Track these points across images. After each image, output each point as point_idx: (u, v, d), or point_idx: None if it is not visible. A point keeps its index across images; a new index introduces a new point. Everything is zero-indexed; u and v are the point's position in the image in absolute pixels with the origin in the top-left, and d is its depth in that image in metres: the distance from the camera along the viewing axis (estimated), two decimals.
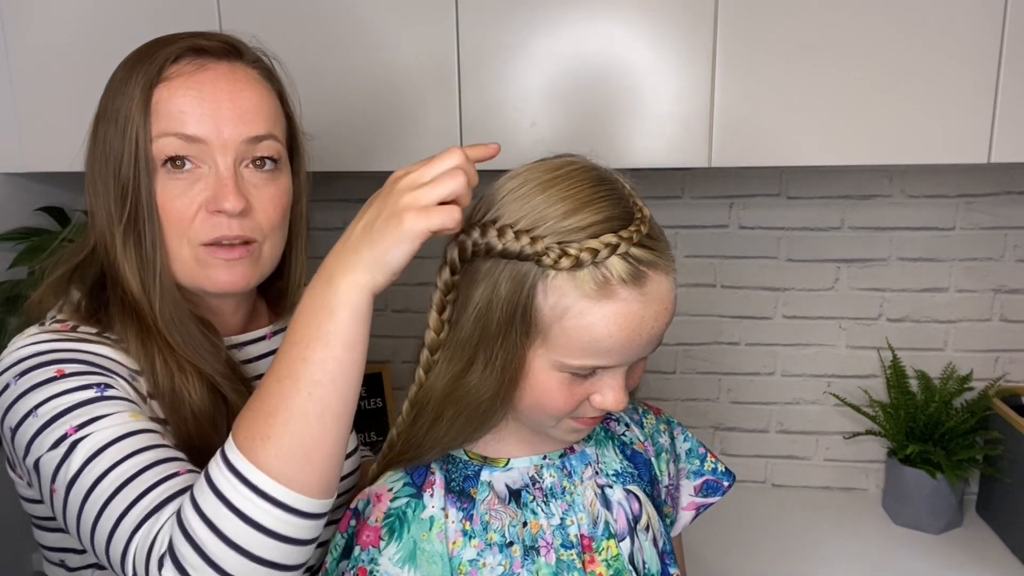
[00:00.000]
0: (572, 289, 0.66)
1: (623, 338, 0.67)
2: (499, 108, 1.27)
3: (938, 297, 1.59)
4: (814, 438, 1.69)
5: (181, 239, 0.81)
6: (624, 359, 0.70)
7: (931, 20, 1.17)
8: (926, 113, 1.19)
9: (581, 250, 0.66)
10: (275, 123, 0.85)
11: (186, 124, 0.79)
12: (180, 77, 0.80)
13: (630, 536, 0.81)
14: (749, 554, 1.46)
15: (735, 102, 1.22)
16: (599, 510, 0.80)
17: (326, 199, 1.74)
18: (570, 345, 0.68)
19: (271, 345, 0.95)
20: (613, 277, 0.66)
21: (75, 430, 0.69)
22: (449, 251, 0.70)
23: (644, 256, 0.67)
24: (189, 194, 0.80)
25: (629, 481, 0.84)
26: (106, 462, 0.68)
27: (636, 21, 1.22)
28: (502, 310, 0.68)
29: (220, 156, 0.80)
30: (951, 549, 1.47)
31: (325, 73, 1.30)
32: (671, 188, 1.63)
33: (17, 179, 1.54)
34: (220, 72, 0.82)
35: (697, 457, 0.95)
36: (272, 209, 0.84)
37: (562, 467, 0.81)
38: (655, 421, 0.92)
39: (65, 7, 1.34)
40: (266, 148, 0.83)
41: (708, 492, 0.95)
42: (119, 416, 0.71)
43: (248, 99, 0.82)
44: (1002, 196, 1.54)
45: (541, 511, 0.78)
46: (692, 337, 1.69)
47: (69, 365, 0.74)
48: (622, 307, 0.66)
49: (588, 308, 0.66)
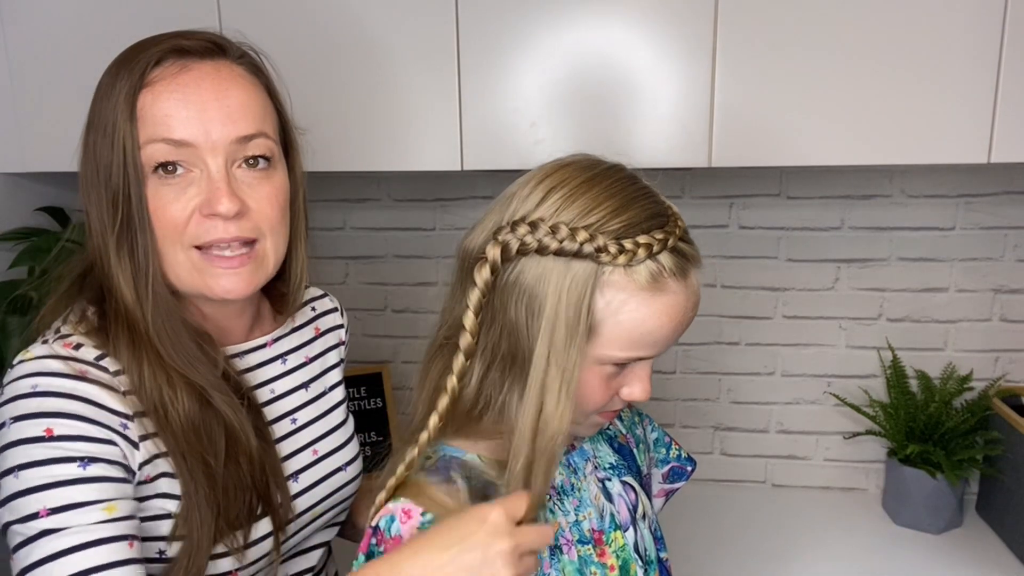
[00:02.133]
0: (628, 283, 0.69)
1: (670, 328, 0.71)
2: (499, 108, 1.27)
3: (938, 297, 1.59)
4: (814, 438, 1.69)
5: (175, 244, 0.79)
6: (662, 349, 0.73)
7: (931, 20, 1.16)
8: (926, 113, 1.19)
9: (638, 246, 0.68)
10: (264, 120, 0.83)
11: (173, 129, 0.77)
12: (163, 80, 0.79)
13: (633, 526, 0.83)
14: (749, 554, 1.46)
15: (735, 102, 1.22)
16: (603, 503, 0.82)
17: (326, 199, 1.74)
18: (621, 339, 0.70)
19: (272, 352, 0.95)
20: (665, 271, 0.70)
21: (47, 513, 0.70)
22: (490, 250, 0.69)
23: (686, 250, 0.72)
24: (182, 199, 0.79)
25: (624, 473, 0.87)
26: (62, 570, 0.69)
27: (636, 21, 1.22)
28: (568, 313, 0.68)
29: (210, 158, 0.79)
30: (951, 549, 1.47)
31: (325, 73, 1.30)
32: (671, 188, 1.63)
33: (17, 179, 1.54)
34: (204, 72, 0.80)
35: (663, 446, 0.99)
36: (269, 208, 0.83)
37: (568, 464, 0.82)
38: (630, 413, 0.96)
39: (65, 7, 1.34)
40: (257, 146, 0.81)
41: (674, 478, 0.99)
42: (92, 511, 0.71)
43: (235, 97, 0.80)
44: (1002, 196, 1.54)
45: (559, 509, 0.79)
46: (692, 337, 1.69)
47: (59, 422, 0.73)
48: (672, 299, 0.70)
49: (645, 301, 0.69)
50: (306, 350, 0.99)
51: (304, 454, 0.93)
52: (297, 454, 0.93)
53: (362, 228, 1.75)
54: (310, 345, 1.00)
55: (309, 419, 0.95)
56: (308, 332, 1.01)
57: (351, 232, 1.75)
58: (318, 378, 0.99)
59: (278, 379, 0.94)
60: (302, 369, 0.97)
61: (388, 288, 1.77)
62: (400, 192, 1.71)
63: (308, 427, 0.95)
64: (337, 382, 1.02)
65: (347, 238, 1.75)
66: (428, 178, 1.69)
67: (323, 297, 1.07)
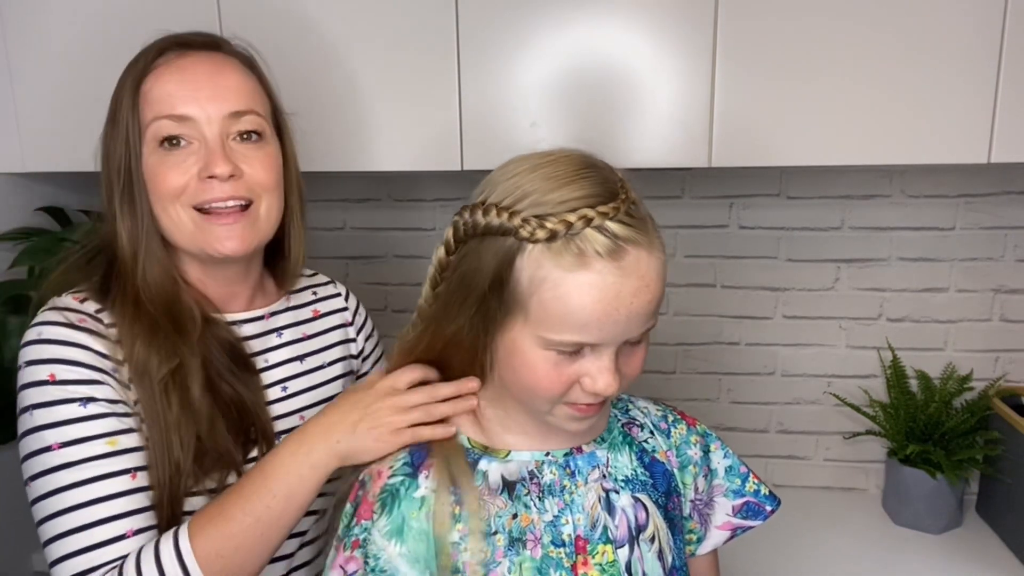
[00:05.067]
0: (547, 261, 0.68)
1: (599, 311, 0.68)
2: (499, 108, 1.27)
3: (938, 297, 1.59)
4: (814, 438, 1.69)
5: (176, 204, 0.90)
6: (606, 336, 0.70)
7: (931, 20, 1.17)
8: (926, 113, 1.19)
9: (557, 222, 0.68)
10: (255, 100, 0.93)
11: (175, 105, 0.89)
12: (164, 65, 0.91)
13: (630, 544, 0.80)
14: (749, 554, 1.46)
15: (735, 102, 1.22)
16: (600, 514, 0.80)
17: (326, 199, 1.74)
18: (549, 319, 0.69)
19: (268, 325, 1.02)
20: (588, 249, 0.67)
21: (59, 447, 0.82)
22: (446, 231, 0.75)
23: (622, 231, 0.68)
24: (183, 166, 0.89)
25: (639, 489, 0.83)
26: (71, 499, 0.81)
27: (636, 21, 1.22)
28: (484, 281, 0.72)
29: (207, 129, 0.89)
30: (951, 549, 1.47)
31: (325, 73, 1.30)
32: (671, 188, 1.63)
33: (17, 179, 1.54)
34: (201, 58, 0.92)
35: (738, 476, 0.93)
36: (263, 170, 0.93)
37: (565, 465, 0.80)
38: (686, 432, 0.90)
39: (65, 7, 1.34)
40: (249, 122, 0.92)
41: (748, 514, 0.93)
42: (97, 444, 0.83)
43: (228, 78, 0.92)
44: (1002, 196, 1.54)
45: (534, 506, 0.78)
46: (692, 337, 1.69)
47: (60, 368, 0.84)
48: (597, 279, 0.68)
49: (563, 279, 0.68)
50: (304, 327, 1.07)
51: (291, 419, 0.99)
52: (284, 418, 0.99)
53: (362, 228, 1.75)
54: (308, 324, 1.07)
55: (300, 388, 1.02)
56: (306, 312, 1.08)
57: (351, 232, 1.75)
58: (316, 353, 1.06)
59: (273, 350, 1.01)
60: (299, 343, 1.05)
61: (388, 288, 1.77)
62: (400, 192, 1.71)
63: (298, 395, 1.01)
64: (337, 359, 1.09)
65: (347, 238, 1.75)
66: (428, 178, 1.69)
67: (328, 284, 1.15)
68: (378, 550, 0.76)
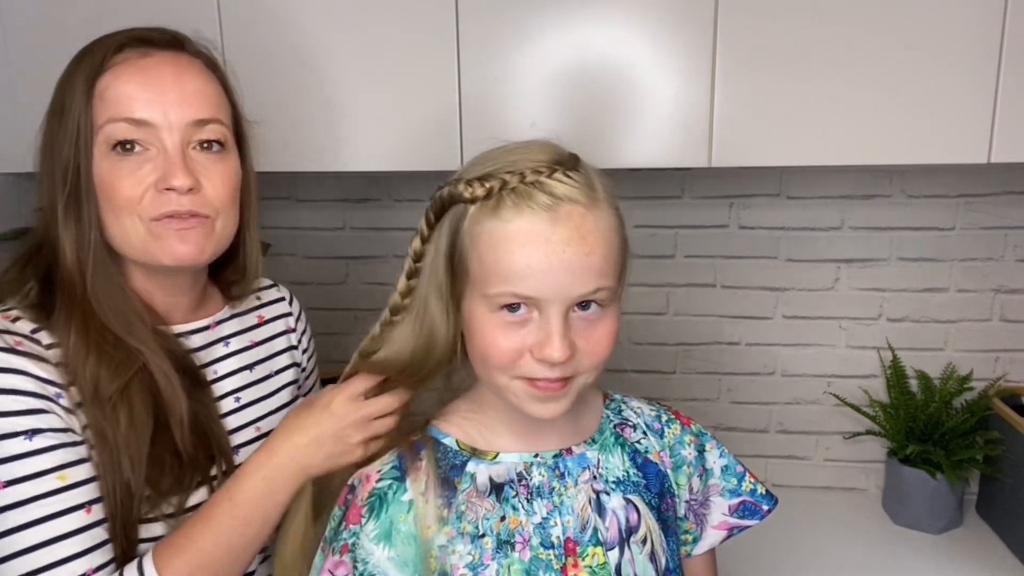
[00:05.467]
0: (484, 216, 0.71)
1: (530, 258, 0.69)
2: (499, 108, 1.27)
3: (938, 297, 1.59)
4: (814, 438, 1.69)
5: (132, 216, 0.84)
6: (543, 289, 0.69)
7: (931, 20, 1.16)
8: (926, 113, 1.19)
9: (495, 180, 0.71)
10: (219, 108, 0.89)
11: (133, 109, 0.83)
12: (124, 64, 0.85)
13: (620, 546, 0.80)
14: (748, 554, 1.46)
15: (735, 102, 1.22)
16: (590, 515, 0.79)
17: (326, 199, 1.74)
18: (486, 273, 0.71)
19: (214, 335, 0.98)
20: (521, 202, 0.70)
21: (4, 486, 0.77)
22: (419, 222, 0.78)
23: (558, 187, 0.70)
24: (138, 174, 0.84)
25: (631, 491, 0.82)
26: (24, 542, 0.76)
27: (636, 21, 1.22)
28: (444, 257, 0.75)
29: (167, 137, 0.84)
30: (951, 549, 1.47)
31: (325, 73, 1.30)
32: (671, 188, 1.63)
33: (17, 179, 1.54)
34: (164, 59, 0.86)
35: (734, 475, 0.92)
36: (222, 186, 0.88)
37: (554, 467, 0.80)
38: (680, 432, 0.89)
39: (65, 7, 1.34)
40: (212, 131, 0.87)
41: (745, 514, 0.92)
42: (46, 480, 0.78)
43: (192, 83, 0.86)
44: (1002, 196, 1.54)
45: (522, 508, 0.78)
46: (692, 337, 1.69)
47: (1, 399, 0.78)
48: (526, 225, 0.69)
49: (495, 228, 0.70)
50: (250, 335, 1.03)
51: (247, 430, 0.97)
52: (240, 430, 0.96)
53: (362, 228, 1.75)
54: (254, 331, 1.04)
55: (253, 398, 0.99)
56: (251, 319, 1.04)
57: (351, 232, 1.75)
58: (264, 361, 1.03)
59: (221, 360, 0.98)
60: (246, 352, 1.01)
61: (388, 288, 1.76)
62: (400, 192, 1.71)
63: (252, 406, 0.99)
64: (285, 366, 1.06)
65: (347, 238, 1.75)
66: (428, 178, 1.69)
67: (271, 287, 1.11)
68: (367, 554, 0.76)
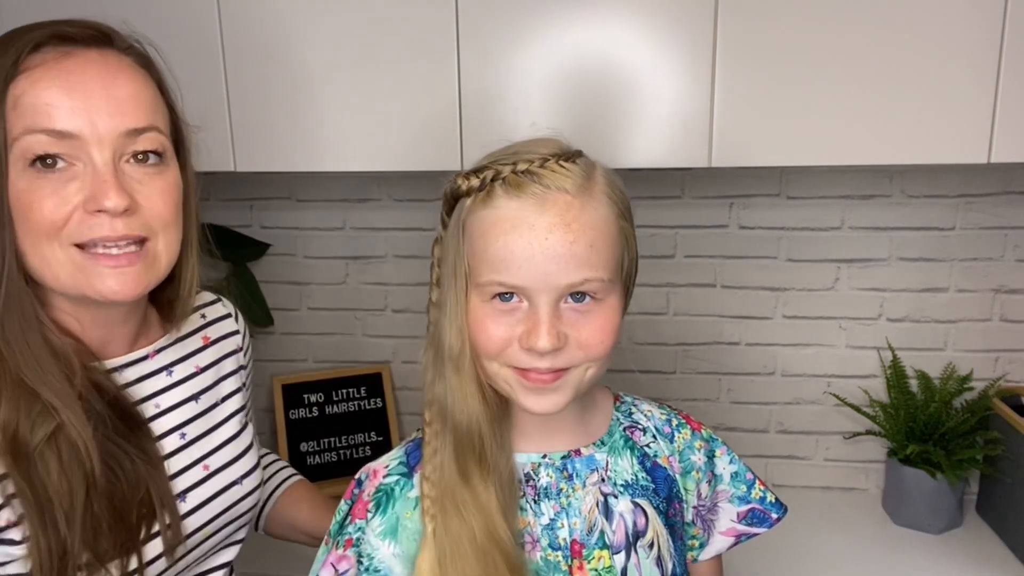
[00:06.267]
0: (477, 206, 0.72)
1: (514, 245, 0.69)
2: (499, 108, 1.27)
3: (938, 297, 1.59)
4: (814, 438, 1.69)
5: (53, 242, 0.73)
6: (528, 278, 0.69)
7: (931, 20, 1.16)
8: (926, 113, 1.19)
9: (489, 171, 0.72)
10: (155, 113, 0.78)
11: (54, 119, 0.71)
12: (43, 67, 0.73)
13: (627, 550, 0.79)
14: (748, 554, 1.46)
15: (735, 102, 1.22)
16: (597, 518, 0.79)
17: (326, 199, 1.74)
18: (477, 263, 0.72)
19: (155, 364, 0.88)
20: (510, 190, 0.71)
21: None
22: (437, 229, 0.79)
23: (548, 176, 0.70)
24: (62, 194, 0.72)
25: (639, 494, 0.81)
26: None
27: (636, 21, 1.22)
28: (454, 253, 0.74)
29: (96, 151, 0.73)
30: (951, 549, 1.47)
31: (326, 73, 1.30)
32: (671, 188, 1.63)
33: None
34: (89, 59, 0.75)
35: (744, 482, 0.91)
36: (162, 203, 0.77)
37: (562, 468, 0.80)
38: (690, 436, 0.88)
39: (65, 7, 1.34)
40: (148, 141, 0.76)
41: (753, 521, 0.91)
42: None
43: (123, 87, 0.75)
44: (1002, 196, 1.54)
45: (530, 508, 0.77)
46: (692, 337, 1.69)
47: None
48: (511, 212, 0.70)
49: (485, 217, 0.71)
50: (196, 359, 0.92)
51: (194, 470, 0.88)
52: (186, 471, 0.87)
53: (362, 228, 1.75)
54: (200, 354, 0.93)
55: (199, 432, 0.90)
56: (195, 341, 0.94)
57: (351, 232, 1.75)
58: (210, 388, 0.93)
59: (163, 392, 0.88)
60: (192, 380, 0.91)
61: (388, 288, 1.77)
62: (400, 192, 1.71)
63: (198, 441, 0.89)
64: (233, 391, 0.96)
65: (347, 238, 1.75)
66: (428, 178, 1.69)
67: (215, 303, 1.00)
68: (372, 550, 0.76)
